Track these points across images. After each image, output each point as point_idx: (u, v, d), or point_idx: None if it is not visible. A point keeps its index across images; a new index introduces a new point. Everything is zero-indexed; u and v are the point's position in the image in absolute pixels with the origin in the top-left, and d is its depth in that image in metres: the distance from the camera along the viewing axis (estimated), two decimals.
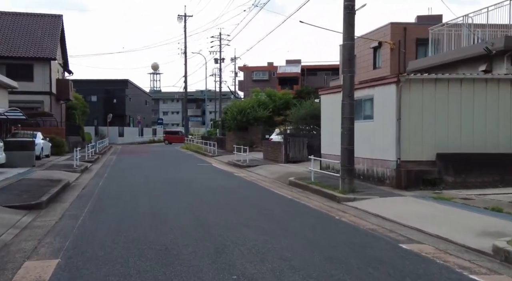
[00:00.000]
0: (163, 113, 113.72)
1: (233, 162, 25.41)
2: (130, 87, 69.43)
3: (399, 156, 13.06)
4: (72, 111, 44.12)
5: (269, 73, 67.64)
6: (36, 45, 35.35)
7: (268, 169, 21.05)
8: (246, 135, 35.19)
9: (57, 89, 36.99)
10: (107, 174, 19.82)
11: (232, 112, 35.16)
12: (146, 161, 28.22)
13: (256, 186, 15.60)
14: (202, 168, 23.18)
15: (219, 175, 19.39)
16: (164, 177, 18.23)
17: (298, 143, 23.14)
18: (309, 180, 15.09)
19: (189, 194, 13.19)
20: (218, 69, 59.56)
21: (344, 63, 12.45)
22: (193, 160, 30.12)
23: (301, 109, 24.06)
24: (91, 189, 14.63)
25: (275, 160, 24.48)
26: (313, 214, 10.22)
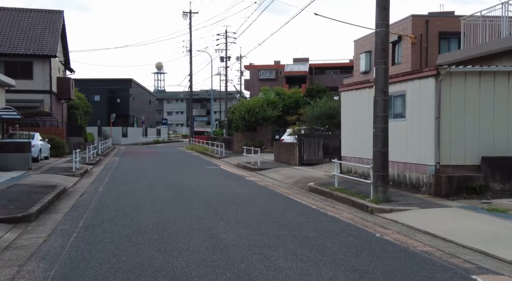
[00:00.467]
0: (167, 113, 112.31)
1: (243, 164, 23.86)
2: (134, 86, 68.00)
3: (438, 160, 11.46)
4: (74, 111, 42.71)
5: (276, 71, 66.00)
6: (35, 42, 33.90)
7: (282, 172, 19.49)
8: (254, 135, 33.65)
9: (57, 87, 35.54)
10: (108, 178, 18.30)
11: (240, 112, 33.61)
12: (150, 164, 26.72)
13: (273, 193, 14.03)
14: (211, 172, 21.63)
15: (230, 180, 17.84)
16: (170, 182, 16.69)
17: (313, 144, 21.57)
18: (332, 186, 13.52)
19: (199, 204, 11.64)
20: (224, 68, 58.05)
21: (377, 54, 10.86)
22: (200, 162, 28.59)
23: (316, 108, 22.49)
24: (89, 197, 13.10)
25: (287, 162, 22.93)
26: (348, 230, 8.64)
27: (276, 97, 35.50)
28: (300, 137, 21.63)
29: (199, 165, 25.95)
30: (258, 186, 15.94)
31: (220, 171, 21.91)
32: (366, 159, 14.85)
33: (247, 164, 23.29)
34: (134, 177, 18.55)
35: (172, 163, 27.39)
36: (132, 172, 20.94)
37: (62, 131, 30.64)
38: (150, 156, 35.22)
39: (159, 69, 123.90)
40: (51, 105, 33.65)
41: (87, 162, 25.20)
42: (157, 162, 28.20)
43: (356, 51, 30.09)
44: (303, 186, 15.27)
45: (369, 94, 14.65)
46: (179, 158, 32.32)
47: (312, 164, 21.40)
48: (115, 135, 60.19)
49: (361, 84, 15.13)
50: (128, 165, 25.43)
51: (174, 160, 30.53)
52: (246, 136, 34.02)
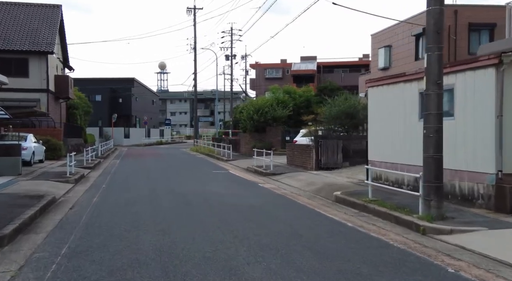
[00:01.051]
0: (170, 114, 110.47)
1: (254, 168, 21.91)
2: (136, 86, 66.12)
3: (500, 168, 9.48)
4: (73, 111, 40.84)
5: (283, 70, 64.00)
6: (31, 37, 32.02)
7: (300, 178, 17.52)
8: (263, 136, 31.69)
9: (55, 86, 33.66)
10: (105, 185, 16.38)
11: (248, 111, 31.65)
12: (153, 167, 24.79)
13: (295, 205, 12.06)
14: (219, 177, 19.68)
15: (242, 187, 15.87)
16: (175, 190, 14.74)
17: (332, 146, 19.60)
18: (364, 196, 11.55)
19: (212, 221, 9.68)
20: (229, 66, 56.17)
21: (429, 37, 8.88)
22: (206, 165, 26.64)
23: (333, 106, 20.51)
24: (80, 209, 11.17)
25: (303, 166, 20.96)
26: (408, 261, 6.66)
27: (286, 96, 33.53)
28: (317, 139, 19.67)
29: (206, 168, 24.01)
30: (276, 195, 13.97)
31: (229, 176, 19.96)
32: (401, 165, 12.88)
33: (258, 168, 21.34)
34: (134, 183, 16.62)
35: (176, 166, 25.46)
36: (133, 177, 19.02)
37: (59, 132, 28.74)
38: (153, 158, 33.31)
39: (162, 68, 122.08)
40: (48, 105, 31.76)
41: (84, 165, 23.30)
42: (161, 165, 26.28)
43: (373, 45, 28.09)
44: (327, 196, 13.31)
45: (406, 89, 12.68)
46: (184, 161, 30.40)
47: (331, 168, 19.43)
48: (116, 136, 58.32)
49: (395, 77, 13.16)
50: (129, 169, 23.52)
51: (178, 163, 28.61)
52: (255, 137, 32.07)
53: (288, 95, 33.91)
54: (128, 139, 61.00)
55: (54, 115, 32.81)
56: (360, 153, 20.04)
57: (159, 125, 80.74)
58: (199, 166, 25.99)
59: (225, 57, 56.53)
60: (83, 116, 46.61)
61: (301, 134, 24.38)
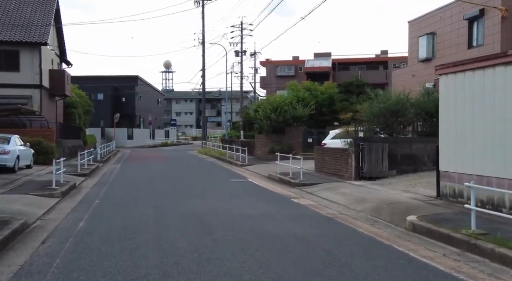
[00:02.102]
0: (175, 114, 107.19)
1: (278, 176, 18.49)
2: (140, 84, 62.86)
3: None
4: (72, 110, 37.57)
5: (295, 68, 60.52)
6: (23, 27, 28.75)
7: (342, 191, 14.06)
8: (282, 138, 28.26)
9: (50, 82, 30.37)
10: (99, 200, 12.98)
11: (265, 110, 28.22)
12: (159, 173, 21.41)
13: (358, 237, 8.59)
14: (239, 187, 16.26)
15: (273, 204, 12.40)
16: (187, 209, 11.31)
17: (376, 151, 16.15)
18: (460, 226, 8.10)
19: (250, 269, 6.24)
20: (239, 63, 52.77)
21: None
22: (219, 171, 23.20)
23: (376, 103, 17.06)
24: (56, 244, 7.76)
25: (337, 174, 17.53)
26: None
27: (306, 93, 30.08)
28: (358, 142, 16.21)
29: (220, 175, 20.58)
30: (322, 217, 10.51)
31: (251, 187, 16.51)
32: (498, 179, 9.43)
33: (283, 177, 17.91)
34: (136, 199, 13.21)
35: (185, 172, 22.04)
36: (134, 189, 15.61)
37: (52, 132, 25.39)
38: (158, 162, 29.94)
39: (167, 68, 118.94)
40: (41, 102, 28.46)
41: (78, 172, 19.94)
42: (167, 171, 22.87)
43: (411, 34, 24.53)
44: (393, 219, 9.88)
45: (509, 74, 9.22)
46: (193, 166, 26.98)
47: (375, 177, 15.99)
48: (119, 137, 55.03)
49: (487, 60, 9.69)
50: (131, 176, 20.13)
51: (187, 168, 25.19)
52: (272, 138, 28.64)
53: (309, 92, 30.46)
54: (132, 140, 57.69)
55: (48, 114, 29.50)
56: (408, 158, 16.63)
57: (164, 126, 77.45)
58: (212, 172, 22.57)
59: (235, 53, 53.21)
60: (83, 115, 43.44)
61: (331, 135, 20.92)
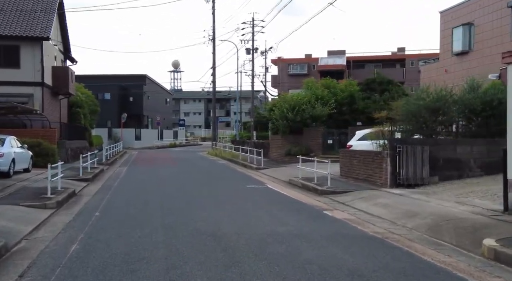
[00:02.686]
0: (184, 114, 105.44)
1: (300, 182, 16.56)
2: (148, 83, 61.13)
3: None
4: (77, 110, 35.80)
5: (308, 66, 58.54)
6: (24, 20, 27.05)
7: (381, 202, 12.09)
8: (299, 139, 26.32)
9: (53, 79, 28.63)
10: (99, 212, 11.11)
11: (281, 110, 26.29)
12: (167, 178, 19.55)
13: (429, 269, 6.61)
14: (260, 196, 14.33)
15: (304, 218, 10.45)
16: (203, 226, 9.38)
17: (415, 154, 14.16)
18: None
19: None
20: (250, 61, 50.91)
21: None
22: (234, 176, 21.28)
23: (414, 100, 15.06)
24: (38, 278, 5.90)
25: (368, 180, 15.57)
26: None
27: (325, 91, 28.10)
28: (395, 144, 14.23)
29: (235, 181, 18.67)
30: (369, 238, 8.54)
31: (273, 196, 14.57)
32: None
33: (307, 183, 15.98)
34: (142, 211, 11.32)
35: (197, 177, 20.15)
36: (140, 197, 13.73)
37: (53, 133, 23.59)
38: (167, 164, 28.10)
39: (175, 67, 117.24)
40: (43, 101, 26.71)
41: (80, 177, 18.15)
42: (177, 175, 21.00)
43: (444, 25, 22.45)
44: (458, 241, 7.93)
45: None
46: (205, 169, 25.08)
47: (414, 185, 14.01)
48: (127, 137, 53.31)
49: None
50: (138, 181, 18.28)
51: (198, 171, 23.31)
52: (288, 140, 26.71)
53: (327, 90, 28.47)
54: (140, 141, 55.95)
55: (51, 113, 27.77)
56: (452, 163, 14.64)
57: (172, 126, 75.72)
58: (226, 177, 20.65)
59: (246, 50, 51.23)
60: (89, 115, 41.76)
61: (358, 136, 18.94)
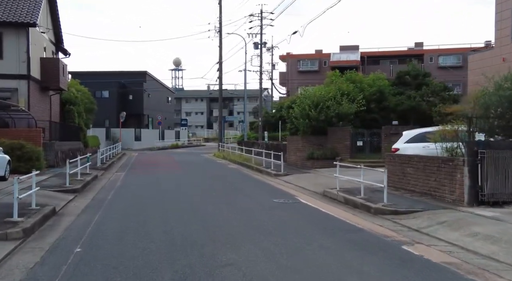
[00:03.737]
0: (185, 114, 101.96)
1: (342, 195, 13.12)
2: (148, 80, 57.67)
3: None
4: (70, 107, 32.43)
5: (320, 62, 55.10)
6: (8, 4, 23.67)
7: (477, 231, 8.63)
8: (323, 141, 22.91)
9: (42, 72, 25.27)
10: (81, 248, 7.66)
11: (302, 107, 22.88)
12: (174, 190, 16.12)
13: None
14: (296, 216, 10.87)
15: (379, 261, 7.01)
16: (230, 275, 5.94)
17: (504, 162, 10.75)
18: None
19: None
20: (258, 56, 47.39)
21: None
22: (252, 185, 17.79)
23: (501, 89, 11.61)
24: None
25: (432, 195, 12.13)
26: None
27: (350, 85, 24.68)
28: (475, 148, 10.79)
29: (258, 193, 15.19)
30: None
31: (315, 216, 11.08)
32: None
33: (351, 197, 12.55)
34: (142, 243, 7.86)
35: (209, 187, 16.69)
36: (139, 220, 10.26)
37: (38, 133, 20.15)
38: (170, 169, 24.68)
39: (177, 65, 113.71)
40: (29, 96, 23.32)
41: (66, 187, 14.72)
42: (185, 185, 17.55)
43: (500, 7, 18.96)
44: None
45: None
46: (216, 175, 21.59)
47: (503, 203, 10.59)
48: (126, 138, 49.92)
49: None
50: (136, 195, 14.83)
51: (209, 179, 19.84)
52: (310, 141, 23.30)
53: (353, 84, 25.03)
54: (139, 142, 52.52)
55: (39, 111, 24.41)
56: None
57: (174, 126, 72.30)
58: (244, 186, 17.17)
59: (254, 45, 47.73)
60: (85, 114, 38.38)
61: (406, 137, 15.50)
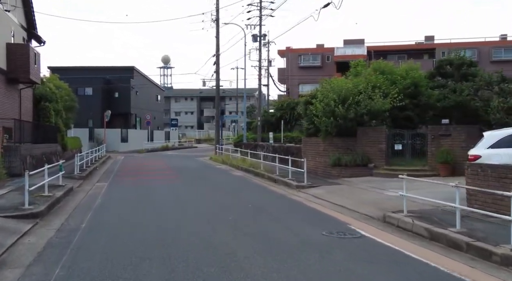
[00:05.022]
0: (175, 114, 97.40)
1: (420, 224, 8.99)
2: (136, 76, 53.18)
3: None
4: (45, 104, 28.00)
5: (322, 57, 51.10)
6: None
7: None
8: (351, 143, 18.84)
9: (8, 60, 20.92)
10: None
11: (326, 102, 18.74)
12: (171, 208, 11.84)
13: None
14: (373, 264, 6.71)
15: None
16: None
17: None
18: None
19: None
20: (257, 49, 43.30)
21: None
22: (271, 199, 13.49)
23: None
24: None
25: None
26: None
27: (379, 77, 20.62)
28: None
29: (289, 217, 10.94)
30: None
31: (406, 266, 6.92)
32: None
33: (442, 230, 8.46)
34: None
35: (218, 204, 12.39)
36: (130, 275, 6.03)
37: None
38: (164, 177, 20.42)
39: (165, 63, 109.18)
40: None
41: (22, 209, 10.40)
42: (186, 200, 13.26)
43: None
44: None
45: None
46: (222, 186, 17.25)
47: None
48: (111, 139, 45.47)
49: None
50: (123, 217, 10.54)
51: (214, 191, 15.55)
52: (334, 144, 19.21)
53: (383, 76, 20.91)
54: (126, 143, 48.06)
55: (5, 108, 20.06)
56: None
57: (164, 127, 67.85)
58: (264, 204, 12.85)
59: (252, 37, 43.55)
60: (65, 113, 33.98)
61: (491, 141, 11.41)
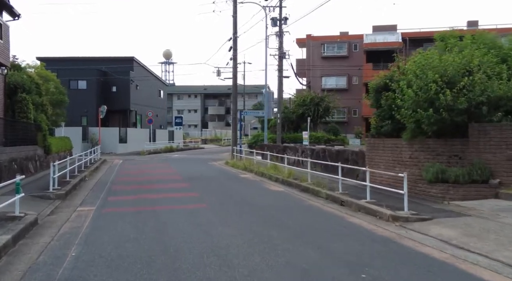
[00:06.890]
0: (177, 112, 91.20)
1: None
2: (136, 67, 46.99)
3: None
4: (22, 96, 22.00)
5: (349, 45, 44.91)
6: None
7: None
8: (458, 148, 12.69)
9: None
10: None
11: (421, 86, 12.57)
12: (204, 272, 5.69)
13: None
14: None
15: None
16: None
17: None
18: None
19: None
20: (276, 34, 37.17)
21: None
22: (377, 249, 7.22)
23: None
24: None
25: None
26: None
27: (488, 52, 14.45)
28: None
29: None
30: None
31: None
32: None
33: None
34: None
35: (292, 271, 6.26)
36: None
37: None
38: (178, 195, 14.21)
39: (167, 58, 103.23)
40: None
41: None
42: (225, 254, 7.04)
43: None
44: None
45: None
46: (271, 215, 10.87)
47: None
48: (107, 139, 39.37)
49: None
50: None
51: (270, 229, 9.26)
52: (429, 148, 13.11)
53: (492, 51, 14.73)
54: (125, 144, 41.90)
55: None
56: None
57: (167, 125, 61.68)
58: (381, 273, 6.71)
59: (271, 21, 37.43)
60: (51, 108, 28.13)
61: None
